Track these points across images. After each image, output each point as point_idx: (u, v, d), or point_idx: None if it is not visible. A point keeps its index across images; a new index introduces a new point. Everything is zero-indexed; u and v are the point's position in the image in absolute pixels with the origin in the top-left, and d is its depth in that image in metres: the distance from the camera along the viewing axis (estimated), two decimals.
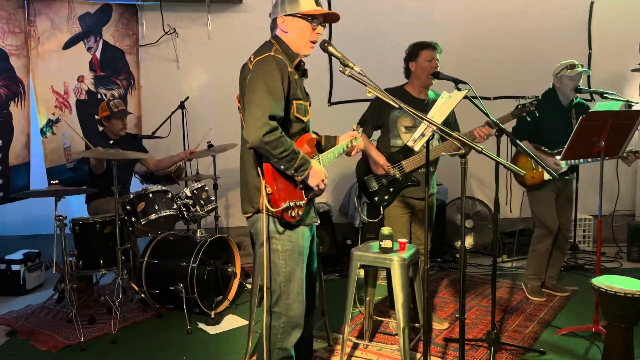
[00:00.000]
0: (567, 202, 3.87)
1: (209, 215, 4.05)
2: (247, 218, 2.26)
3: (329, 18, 2.21)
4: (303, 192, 2.18)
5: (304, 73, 2.27)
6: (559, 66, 3.68)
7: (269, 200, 2.08)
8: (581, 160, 3.54)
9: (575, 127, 3.03)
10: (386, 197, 3.19)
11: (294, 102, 2.15)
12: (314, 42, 2.21)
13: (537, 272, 3.89)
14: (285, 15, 2.16)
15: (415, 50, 3.23)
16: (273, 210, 2.07)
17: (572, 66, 3.61)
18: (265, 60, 2.08)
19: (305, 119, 2.21)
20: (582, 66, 3.64)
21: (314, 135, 2.31)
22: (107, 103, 4.07)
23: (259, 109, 1.99)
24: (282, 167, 2.04)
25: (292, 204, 2.10)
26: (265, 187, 2.07)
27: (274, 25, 2.23)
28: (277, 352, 2.20)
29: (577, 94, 3.72)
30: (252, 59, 2.13)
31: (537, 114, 3.37)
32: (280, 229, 2.16)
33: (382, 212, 3.23)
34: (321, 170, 2.16)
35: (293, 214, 2.12)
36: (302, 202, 2.16)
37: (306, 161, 2.08)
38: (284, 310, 2.18)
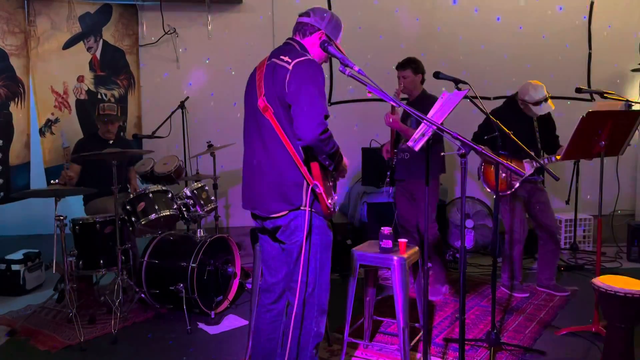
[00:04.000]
0: (543, 205, 3.86)
1: (209, 215, 4.05)
2: (277, 217, 2.24)
3: None
4: (332, 185, 2.34)
5: None
6: (528, 95, 3.62)
7: (317, 198, 2.19)
8: (545, 160, 3.65)
9: (575, 127, 3.03)
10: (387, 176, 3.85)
11: None
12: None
13: (514, 274, 3.92)
14: (326, 35, 2.28)
15: None
16: (327, 210, 2.22)
17: (538, 102, 3.61)
18: (307, 62, 2.15)
19: None
20: (550, 98, 3.64)
21: None
22: (99, 105, 4.11)
23: (314, 109, 2.07)
24: (327, 162, 2.18)
25: (331, 199, 2.25)
26: (316, 186, 2.15)
27: (307, 29, 2.28)
28: (314, 339, 2.33)
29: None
30: (286, 60, 2.16)
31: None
32: (320, 223, 2.28)
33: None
34: (346, 162, 2.37)
35: (335, 209, 2.29)
36: (336, 195, 2.32)
37: (341, 155, 2.28)
38: (316, 299, 2.30)
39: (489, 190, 3.96)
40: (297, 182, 2.18)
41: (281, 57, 2.19)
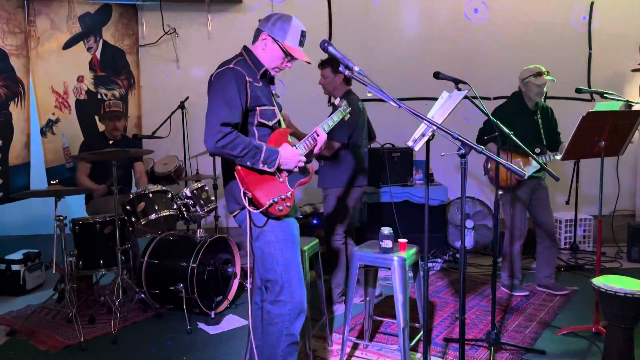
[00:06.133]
0: (543, 202, 3.88)
1: (209, 215, 4.05)
2: (235, 216, 2.34)
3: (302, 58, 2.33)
4: (287, 184, 2.29)
5: (271, 80, 2.39)
6: (526, 71, 3.74)
7: (251, 203, 2.18)
8: (546, 158, 3.67)
9: (576, 127, 3.03)
10: None
11: (258, 108, 2.25)
12: (280, 70, 2.35)
13: (513, 272, 3.93)
14: (269, 35, 2.28)
15: None
16: (258, 210, 2.19)
17: (539, 74, 3.66)
18: (222, 73, 2.21)
19: (270, 124, 2.30)
20: (549, 73, 3.69)
21: (285, 129, 2.39)
22: (102, 103, 4.10)
23: (213, 118, 2.12)
24: (248, 163, 2.14)
25: (277, 199, 2.20)
26: (245, 193, 2.16)
27: (255, 35, 2.34)
28: (286, 338, 2.29)
29: (541, 99, 3.77)
30: (215, 71, 2.25)
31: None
32: (270, 221, 2.26)
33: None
34: (292, 153, 2.26)
35: (280, 208, 2.22)
36: (288, 194, 2.27)
37: (273, 152, 2.19)
38: (288, 297, 2.27)
39: (493, 186, 3.94)
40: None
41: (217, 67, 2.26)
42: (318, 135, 2.41)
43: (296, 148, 2.33)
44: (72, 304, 3.37)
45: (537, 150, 3.67)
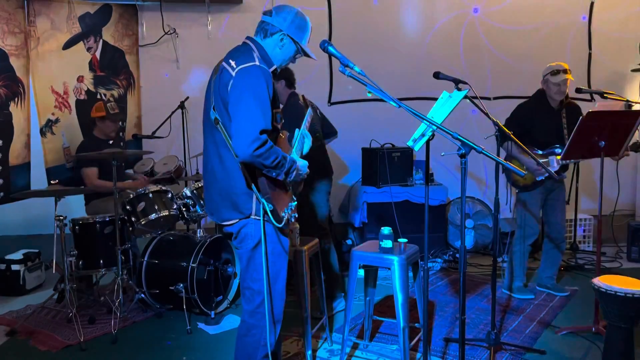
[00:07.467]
0: (557, 202, 3.87)
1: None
2: (229, 225, 2.22)
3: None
4: (291, 192, 2.25)
5: None
6: (546, 69, 3.71)
7: (271, 215, 2.07)
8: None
9: (575, 127, 3.03)
10: None
11: (274, 110, 2.16)
12: (285, 66, 2.31)
13: (518, 273, 3.90)
14: (287, 35, 2.19)
15: None
16: (279, 225, 2.10)
17: (556, 72, 3.62)
18: (251, 71, 2.06)
19: (279, 127, 2.24)
20: (568, 71, 3.63)
21: (285, 133, 2.34)
22: (105, 104, 4.10)
23: (249, 123, 1.98)
24: (274, 174, 2.07)
25: (287, 210, 2.15)
26: (267, 204, 2.06)
27: (268, 29, 2.21)
28: (262, 348, 2.25)
29: (562, 97, 3.71)
30: (232, 65, 2.10)
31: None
32: (271, 232, 2.19)
33: None
34: (302, 162, 2.23)
35: (292, 220, 2.19)
36: (294, 204, 2.23)
37: (293, 162, 2.14)
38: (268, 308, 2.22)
39: (511, 185, 3.92)
40: (247, 191, 2.12)
41: (230, 60, 2.12)
42: (304, 138, 2.37)
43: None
44: (72, 304, 3.37)
45: (559, 150, 3.65)
